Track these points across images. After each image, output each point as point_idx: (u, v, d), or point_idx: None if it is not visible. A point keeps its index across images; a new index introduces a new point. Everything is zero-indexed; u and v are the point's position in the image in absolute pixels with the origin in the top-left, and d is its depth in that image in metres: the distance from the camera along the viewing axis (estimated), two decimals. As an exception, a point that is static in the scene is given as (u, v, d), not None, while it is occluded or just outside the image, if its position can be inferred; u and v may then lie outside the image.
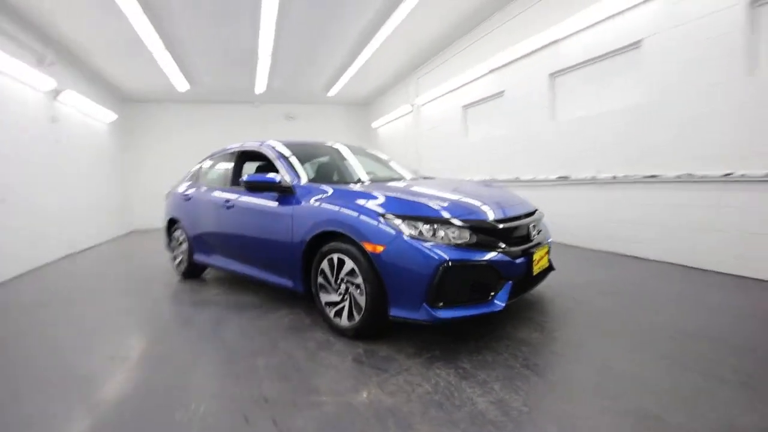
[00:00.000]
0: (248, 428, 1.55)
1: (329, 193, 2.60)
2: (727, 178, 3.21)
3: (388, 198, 2.34)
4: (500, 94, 5.99)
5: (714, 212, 3.34)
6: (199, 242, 3.89)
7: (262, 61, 7.12)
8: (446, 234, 2.12)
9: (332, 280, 2.44)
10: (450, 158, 7.50)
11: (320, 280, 2.52)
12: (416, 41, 6.89)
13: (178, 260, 4.32)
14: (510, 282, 2.18)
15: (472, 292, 2.10)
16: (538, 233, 2.60)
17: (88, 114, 7.53)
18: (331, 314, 2.48)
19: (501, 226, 2.25)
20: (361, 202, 2.37)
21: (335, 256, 2.39)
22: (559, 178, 4.91)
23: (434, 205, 2.24)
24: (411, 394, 1.74)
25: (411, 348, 2.22)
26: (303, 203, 2.67)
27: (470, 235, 2.14)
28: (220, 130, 10.91)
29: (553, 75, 5.02)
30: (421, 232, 2.11)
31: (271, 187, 2.85)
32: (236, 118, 11.09)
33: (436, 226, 2.13)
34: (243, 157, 3.70)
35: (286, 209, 2.77)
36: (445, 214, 2.17)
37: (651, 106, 3.82)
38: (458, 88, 6.98)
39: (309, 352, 2.25)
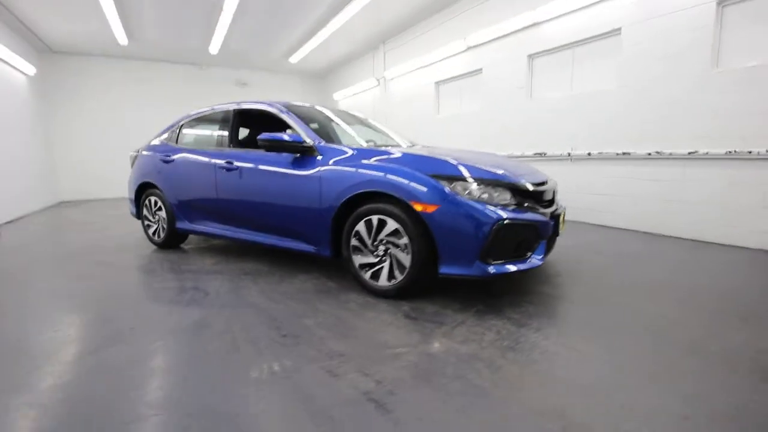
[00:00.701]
0: (339, 381, 1.53)
1: (360, 154, 2.53)
2: (691, 156, 3.71)
3: (430, 159, 2.35)
4: (478, 71, 6.16)
5: (679, 185, 3.85)
6: (185, 208, 3.56)
7: (225, 16, 6.47)
8: (492, 195, 2.20)
9: (368, 242, 2.42)
10: (421, 133, 7.59)
11: (354, 242, 2.48)
12: (389, 12, 6.75)
13: (152, 229, 3.91)
14: (544, 241, 2.35)
15: (515, 249, 2.23)
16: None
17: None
18: (367, 276, 2.46)
19: (536, 189, 2.39)
20: (403, 162, 2.35)
21: (374, 218, 2.36)
22: (536, 154, 5.25)
23: (481, 167, 2.30)
24: (481, 342, 1.83)
25: (455, 304, 2.31)
26: (331, 164, 2.58)
27: (511, 197, 2.25)
28: (162, 93, 9.86)
29: (532, 56, 5.28)
30: (470, 192, 2.17)
31: (293, 148, 2.69)
32: (180, 80, 10.06)
33: (484, 187, 2.20)
34: (241, 116, 3.41)
35: (310, 171, 2.64)
36: (491, 176, 2.25)
37: (626, 90, 4.22)
38: (432, 63, 7.03)
39: (354, 312, 2.23)
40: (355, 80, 9.87)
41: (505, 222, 2.10)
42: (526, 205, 2.28)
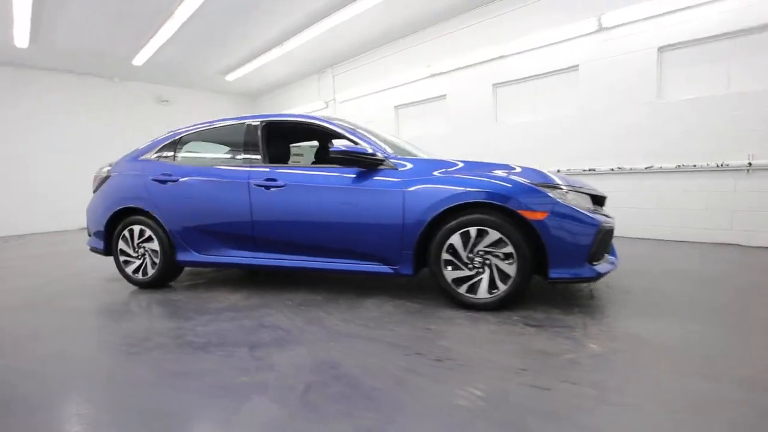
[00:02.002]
0: (557, 392, 1.45)
1: (438, 165, 2.50)
2: (647, 170, 4.51)
3: (519, 168, 2.43)
4: (442, 96, 6.58)
5: (638, 195, 4.63)
6: (194, 237, 2.98)
7: (171, 23, 5.77)
8: (580, 202, 2.37)
9: (463, 255, 2.36)
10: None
11: (446, 256, 2.39)
12: (342, 37, 6.84)
13: (134, 266, 3.17)
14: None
15: (603, 252, 2.42)
16: None
17: None
18: (462, 290, 2.38)
19: (603, 197, 2.65)
20: (497, 171, 2.39)
21: (473, 229, 2.33)
22: (508, 172, 5.76)
23: (562, 177, 2.46)
24: (626, 343, 1.91)
25: (554, 309, 2.37)
26: (415, 177, 2.47)
27: (591, 203, 2.46)
28: (63, 109, 8.21)
29: (497, 85, 5.87)
30: (566, 200, 2.30)
31: (369, 161, 2.52)
32: (88, 94, 8.56)
33: (575, 194, 2.36)
34: (270, 130, 3.05)
35: (389, 185, 2.50)
36: (576, 185, 2.43)
37: (585, 115, 4.97)
38: (392, 88, 7.28)
39: (470, 327, 2.12)
40: (298, 102, 9.61)
41: (604, 226, 2.28)
42: (602, 212, 2.51)
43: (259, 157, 2.93)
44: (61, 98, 8.18)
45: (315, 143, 4.25)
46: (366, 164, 2.54)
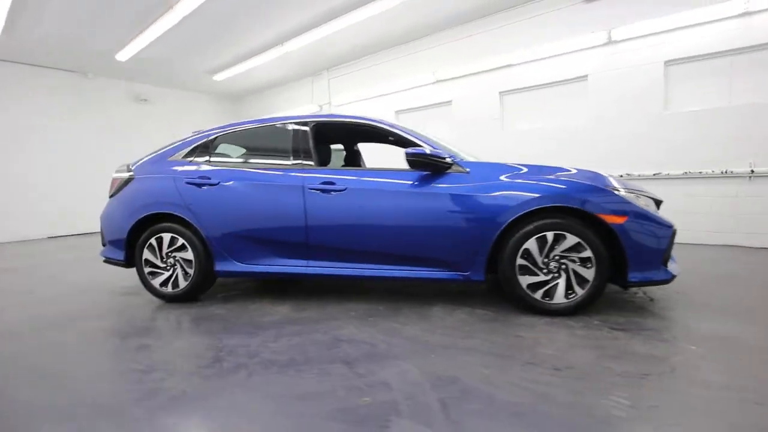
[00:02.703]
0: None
1: (505, 169, 2.47)
2: (656, 176, 4.75)
3: (589, 172, 2.45)
4: (447, 102, 6.62)
5: (647, 200, 4.85)
6: (237, 244, 2.76)
7: (171, 16, 5.41)
8: (650, 206, 2.42)
9: (539, 260, 2.34)
10: (378, 158, 7.62)
11: (521, 261, 2.36)
12: (342, 41, 6.74)
13: (162, 278, 2.88)
14: None
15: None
16: None
17: None
18: (538, 296, 2.35)
19: (660, 202, 2.72)
20: (568, 175, 2.39)
21: (549, 234, 2.31)
22: (516, 178, 5.87)
23: (624, 182, 2.51)
24: (721, 344, 1.95)
25: (627, 313, 2.39)
26: (487, 181, 2.43)
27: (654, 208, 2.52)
28: (30, 108, 7.49)
29: (504, 92, 5.99)
30: (640, 204, 2.34)
31: (440, 165, 2.44)
32: (60, 91, 7.84)
33: (645, 199, 2.41)
34: (319, 131, 2.90)
35: (462, 188, 2.43)
36: (642, 190, 2.48)
37: (595, 124, 5.17)
38: (394, 93, 7.24)
39: (555, 333, 2.09)
40: (288, 105, 9.34)
41: (675, 229, 2.34)
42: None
43: (310, 160, 2.77)
44: (27, 92, 7.45)
45: (340, 147, 4.12)
46: (437, 168, 2.47)
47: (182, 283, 2.86)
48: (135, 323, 2.53)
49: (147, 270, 2.92)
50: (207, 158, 2.97)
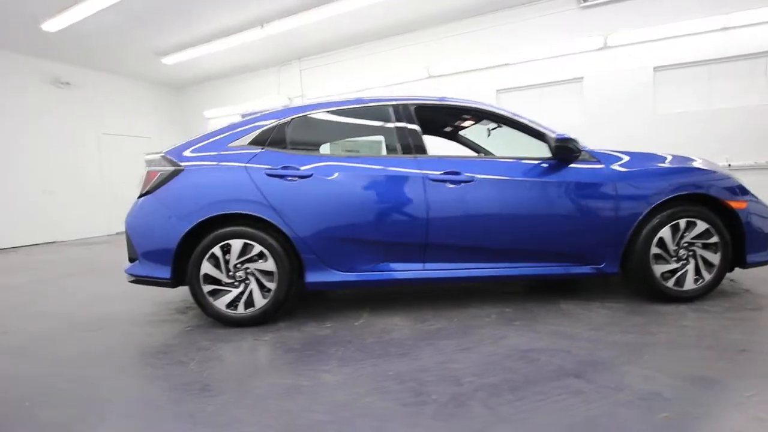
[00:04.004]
0: None
1: (636, 157, 2.48)
2: (648, 171, 5.24)
3: (686, 156, 2.55)
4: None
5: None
6: (336, 248, 2.29)
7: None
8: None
9: (671, 247, 2.34)
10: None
11: (655, 250, 2.33)
12: (321, 30, 6.30)
13: (228, 298, 2.27)
14: None
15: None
16: None
17: None
18: (670, 284, 2.35)
19: None
20: (691, 163, 2.46)
21: (682, 221, 2.32)
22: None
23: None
24: None
25: (743, 292, 2.51)
26: (620, 169, 2.37)
27: None
28: None
29: (501, 90, 6.12)
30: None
31: (576, 153, 2.31)
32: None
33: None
34: (419, 115, 2.55)
35: (598, 178, 2.34)
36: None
37: (591, 123, 5.54)
38: (380, 87, 6.95)
39: (714, 319, 2.10)
40: (248, 98, 8.44)
41: (775, 211, 2.53)
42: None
43: (421, 148, 2.43)
44: None
45: (378, 138, 3.76)
46: (570, 157, 2.34)
47: (259, 302, 2.28)
48: (240, 362, 1.92)
49: (207, 289, 2.27)
50: (284, 146, 2.42)
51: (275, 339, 2.13)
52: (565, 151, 2.28)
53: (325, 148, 2.82)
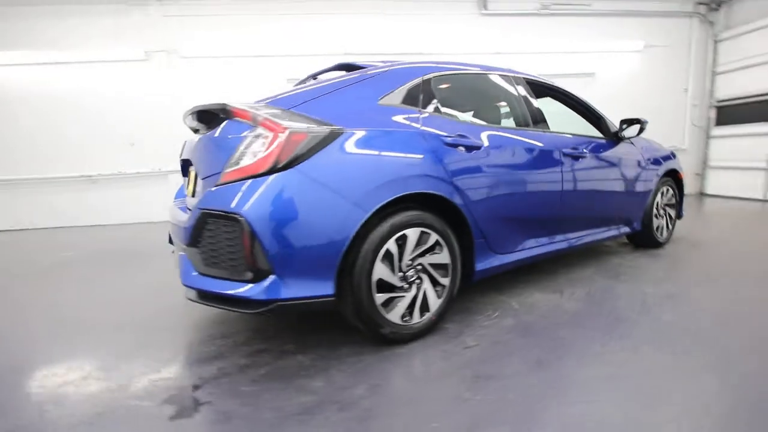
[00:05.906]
0: None
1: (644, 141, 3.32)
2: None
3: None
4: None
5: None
6: (500, 230, 2.11)
7: None
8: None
9: (660, 209, 3.27)
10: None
11: (654, 211, 3.20)
12: None
13: (406, 302, 1.75)
14: None
15: None
16: None
17: None
18: (658, 234, 3.27)
19: None
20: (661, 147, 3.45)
21: (668, 189, 3.28)
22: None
23: None
24: None
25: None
26: (642, 149, 3.12)
27: None
28: None
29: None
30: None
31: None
32: None
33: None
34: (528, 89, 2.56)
35: (638, 155, 3.06)
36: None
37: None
38: (284, 56, 6.03)
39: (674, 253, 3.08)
40: (66, 43, 5.72)
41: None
42: None
43: (540, 121, 2.46)
44: None
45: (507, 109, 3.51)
46: (624, 137, 2.91)
47: (434, 304, 1.85)
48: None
49: (382, 298, 1.66)
50: (434, 109, 1.97)
51: (451, 362, 1.65)
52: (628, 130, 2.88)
53: (463, 116, 2.43)
